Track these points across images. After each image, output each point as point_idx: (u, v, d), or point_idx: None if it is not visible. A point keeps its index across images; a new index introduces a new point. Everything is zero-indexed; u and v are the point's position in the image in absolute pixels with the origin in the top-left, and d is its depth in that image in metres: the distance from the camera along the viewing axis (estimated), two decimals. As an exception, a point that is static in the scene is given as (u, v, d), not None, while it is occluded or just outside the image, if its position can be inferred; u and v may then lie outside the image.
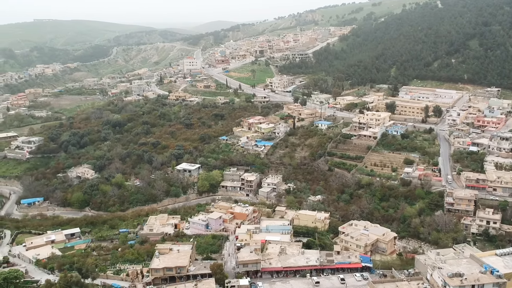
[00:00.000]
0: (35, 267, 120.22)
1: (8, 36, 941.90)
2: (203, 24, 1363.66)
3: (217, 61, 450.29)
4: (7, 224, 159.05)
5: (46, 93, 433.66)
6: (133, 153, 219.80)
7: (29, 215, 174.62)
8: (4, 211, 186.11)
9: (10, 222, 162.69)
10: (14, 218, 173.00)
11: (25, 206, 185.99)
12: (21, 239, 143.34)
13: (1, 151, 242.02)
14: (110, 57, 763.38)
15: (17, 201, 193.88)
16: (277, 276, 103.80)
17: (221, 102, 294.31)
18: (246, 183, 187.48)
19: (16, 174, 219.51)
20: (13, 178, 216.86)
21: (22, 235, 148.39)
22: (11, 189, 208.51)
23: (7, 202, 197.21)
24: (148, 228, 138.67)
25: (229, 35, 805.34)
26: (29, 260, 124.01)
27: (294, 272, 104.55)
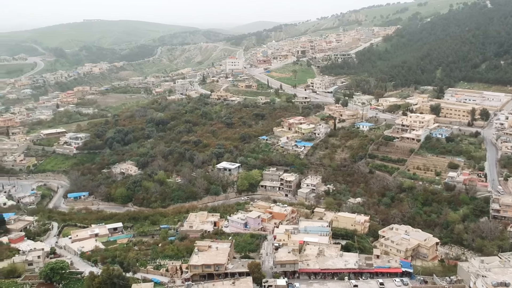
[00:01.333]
0: (79, 259, 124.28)
1: (59, 36, 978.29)
2: (246, 24, 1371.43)
3: (259, 61, 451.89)
4: (55, 217, 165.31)
5: (93, 91, 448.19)
6: (175, 151, 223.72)
7: (75, 209, 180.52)
8: (52, 204, 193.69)
9: (58, 215, 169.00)
10: (61, 211, 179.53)
11: (71, 200, 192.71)
12: (67, 232, 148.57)
13: (51, 146, 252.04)
14: (155, 56, 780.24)
15: (64, 194, 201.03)
16: (315, 278, 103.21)
17: (262, 102, 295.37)
18: (285, 183, 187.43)
19: (64, 168, 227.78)
20: (61, 172, 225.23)
21: (68, 228, 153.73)
22: (59, 183, 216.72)
23: (55, 195, 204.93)
24: (188, 225, 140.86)
25: (271, 35, 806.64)
26: (74, 252, 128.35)
27: (332, 274, 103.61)
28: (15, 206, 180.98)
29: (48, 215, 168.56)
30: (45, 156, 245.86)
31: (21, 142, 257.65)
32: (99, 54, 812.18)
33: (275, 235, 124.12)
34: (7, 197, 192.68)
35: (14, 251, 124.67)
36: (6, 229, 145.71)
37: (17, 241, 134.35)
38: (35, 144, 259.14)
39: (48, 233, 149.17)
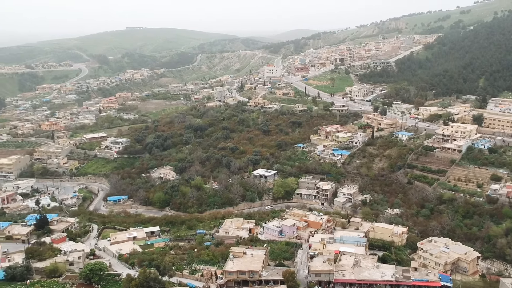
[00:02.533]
0: (117, 261, 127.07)
1: (103, 43, 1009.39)
2: (284, 32, 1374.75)
3: (297, 69, 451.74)
4: (95, 219, 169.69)
5: (134, 97, 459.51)
6: (212, 157, 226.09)
7: (114, 212, 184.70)
8: (92, 207, 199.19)
9: (98, 217, 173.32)
10: (101, 213, 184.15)
11: (111, 203, 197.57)
12: (106, 234, 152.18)
13: (93, 150, 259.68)
14: (194, 64, 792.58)
15: (104, 197, 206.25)
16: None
17: (299, 110, 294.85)
18: (321, 192, 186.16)
19: (105, 172, 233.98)
20: (101, 176, 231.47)
21: (107, 230, 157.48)
22: (99, 186, 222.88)
23: (96, 198, 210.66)
24: (223, 231, 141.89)
25: (309, 43, 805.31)
26: (113, 254, 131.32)
27: (368, 286, 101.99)
28: (58, 208, 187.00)
29: (89, 217, 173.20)
30: (87, 159, 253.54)
31: (65, 145, 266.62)
32: (140, 61, 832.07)
33: (310, 243, 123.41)
34: (50, 198, 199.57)
35: (56, 251, 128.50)
36: (49, 229, 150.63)
37: (59, 241, 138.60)
38: (78, 147, 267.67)
39: (88, 234, 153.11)
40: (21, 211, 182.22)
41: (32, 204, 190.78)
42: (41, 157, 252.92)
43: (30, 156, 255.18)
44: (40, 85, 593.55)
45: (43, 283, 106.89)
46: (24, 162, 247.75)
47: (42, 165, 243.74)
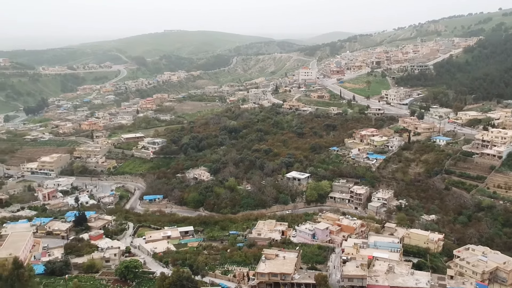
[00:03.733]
0: (152, 259, 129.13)
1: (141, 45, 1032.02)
2: (320, 35, 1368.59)
3: (332, 71, 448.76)
4: (131, 217, 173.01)
5: (171, 98, 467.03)
6: (246, 158, 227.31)
7: (149, 211, 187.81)
8: (129, 205, 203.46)
9: (133, 216, 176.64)
10: (137, 212, 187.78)
11: (146, 202, 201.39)
12: (142, 232, 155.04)
13: (130, 150, 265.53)
14: (230, 66, 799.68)
15: (140, 196, 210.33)
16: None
17: (334, 113, 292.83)
18: (355, 196, 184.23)
19: (141, 172, 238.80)
20: (138, 175, 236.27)
21: (142, 229, 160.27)
22: (136, 185, 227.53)
23: (132, 197, 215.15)
24: (256, 232, 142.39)
25: (345, 46, 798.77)
26: (147, 252, 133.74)
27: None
28: (95, 205, 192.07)
29: (125, 215, 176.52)
30: (124, 159, 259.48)
31: (104, 145, 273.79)
32: (177, 63, 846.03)
33: (343, 248, 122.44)
34: (89, 196, 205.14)
35: (93, 248, 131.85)
36: (87, 226, 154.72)
37: (96, 238, 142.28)
38: (116, 147, 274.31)
39: (124, 232, 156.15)
40: (61, 208, 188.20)
41: (71, 201, 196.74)
42: (80, 156, 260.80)
43: (70, 155, 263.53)
44: (81, 86, 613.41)
45: (81, 279, 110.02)
46: (65, 161, 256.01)
47: (81, 163, 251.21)
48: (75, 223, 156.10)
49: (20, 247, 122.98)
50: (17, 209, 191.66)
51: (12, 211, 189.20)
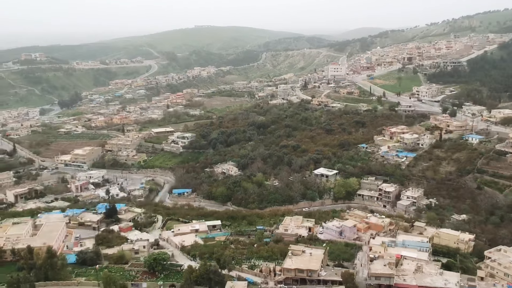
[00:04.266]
0: (180, 252, 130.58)
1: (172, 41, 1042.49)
2: (350, 30, 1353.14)
3: (362, 67, 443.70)
4: (160, 211, 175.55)
5: (200, 93, 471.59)
6: (274, 154, 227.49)
7: (178, 204, 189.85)
8: (158, 198, 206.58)
9: (162, 209, 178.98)
10: (166, 205, 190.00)
11: (175, 195, 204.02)
12: (170, 225, 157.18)
13: (160, 144, 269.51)
14: (259, 61, 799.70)
15: (169, 190, 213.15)
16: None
17: (363, 109, 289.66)
18: (384, 194, 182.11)
19: (170, 165, 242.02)
20: (167, 169, 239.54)
21: (171, 222, 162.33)
22: (165, 179, 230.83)
23: (161, 190, 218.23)
24: (283, 228, 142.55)
25: (376, 41, 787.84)
26: (176, 245, 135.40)
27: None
28: (126, 198, 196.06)
29: (154, 208, 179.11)
30: (154, 153, 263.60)
31: (134, 139, 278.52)
32: (207, 59, 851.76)
33: (370, 246, 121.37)
34: (119, 189, 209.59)
35: (123, 239, 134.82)
36: (117, 218, 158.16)
37: (126, 230, 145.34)
38: (146, 141, 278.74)
39: (153, 225, 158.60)
40: (92, 200, 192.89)
41: (102, 193, 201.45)
42: (112, 149, 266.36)
43: (102, 148, 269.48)
44: (113, 80, 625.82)
45: (111, 269, 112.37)
46: (97, 154, 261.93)
47: (112, 156, 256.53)
48: (105, 215, 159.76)
49: (54, 237, 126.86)
50: (51, 200, 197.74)
51: (47, 201, 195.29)
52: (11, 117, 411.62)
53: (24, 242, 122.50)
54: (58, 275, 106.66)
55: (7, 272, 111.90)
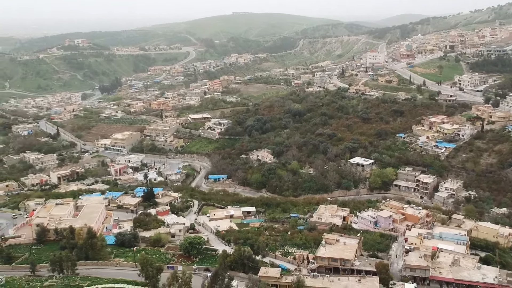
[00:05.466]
0: (215, 237, 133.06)
1: (210, 27, 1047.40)
2: (390, 17, 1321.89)
3: (402, 55, 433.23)
4: (196, 195, 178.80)
5: (237, 80, 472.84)
6: (309, 142, 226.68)
7: (214, 190, 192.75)
8: (194, 183, 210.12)
9: (198, 194, 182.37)
10: (202, 190, 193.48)
11: (211, 181, 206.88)
12: (206, 210, 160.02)
13: (197, 130, 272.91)
14: (296, 49, 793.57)
15: (205, 175, 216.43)
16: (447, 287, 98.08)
17: (402, 98, 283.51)
18: (421, 185, 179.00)
19: (207, 151, 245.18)
20: (204, 155, 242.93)
21: (207, 207, 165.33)
22: (201, 164, 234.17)
23: (197, 175, 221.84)
24: (317, 216, 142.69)
25: (417, 28, 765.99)
26: (211, 230, 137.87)
27: (467, 286, 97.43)
28: (163, 182, 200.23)
29: (190, 193, 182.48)
30: (191, 138, 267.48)
31: (172, 124, 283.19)
32: (244, 46, 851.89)
33: (406, 237, 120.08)
34: (157, 173, 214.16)
35: (160, 223, 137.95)
36: (155, 202, 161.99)
37: (163, 214, 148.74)
38: (184, 127, 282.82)
39: (189, 209, 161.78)
40: (131, 183, 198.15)
41: (140, 177, 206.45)
42: (150, 134, 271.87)
43: (140, 133, 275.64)
44: (151, 67, 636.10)
45: (148, 251, 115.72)
46: (135, 138, 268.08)
47: (151, 141, 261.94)
48: (143, 199, 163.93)
49: (94, 218, 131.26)
50: (92, 182, 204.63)
51: (87, 184, 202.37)
52: (55, 101, 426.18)
53: (66, 222, 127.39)
54: (98, 255, 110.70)
55: (51, 250, 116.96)
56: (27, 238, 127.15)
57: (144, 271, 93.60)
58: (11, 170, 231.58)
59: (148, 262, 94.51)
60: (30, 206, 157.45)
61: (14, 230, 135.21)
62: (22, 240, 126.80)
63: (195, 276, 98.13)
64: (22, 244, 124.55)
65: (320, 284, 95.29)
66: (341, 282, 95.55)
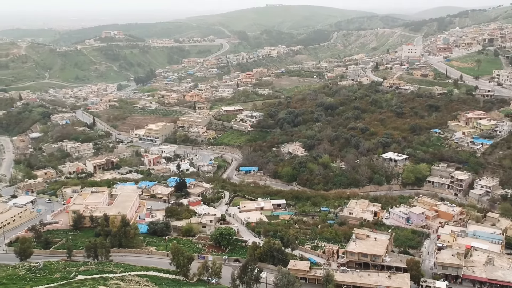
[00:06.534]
0: (245, 228, 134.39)
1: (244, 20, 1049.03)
2: (427, 9, 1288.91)
3: (439, 49, 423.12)
4: (227, 187, 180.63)
5: (269, 73, 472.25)
6: (341, 136, 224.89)
7: (244, 182, 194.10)
8: (225, 175, 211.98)
9: (229, 185, 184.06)
10: (233, 182, 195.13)
11: (242, 173, 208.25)
12: (236, 202, 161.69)
13: (229, 122, 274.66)
14: (330, 41, 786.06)
15: (236, 167, 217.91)
16: (479, 287, 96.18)
17: (438, 93, 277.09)
18: (456, 182, 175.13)
19: (238, 143, 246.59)
20: (235, 147, 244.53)
21: (237, 198, 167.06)
22: (233, 156, 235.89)
23: (229, 167, 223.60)
24: (348, 211, 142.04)
25: (455, 21, 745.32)
26: (241, 221, 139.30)
27: (501, 286, 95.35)
28: (195, 173, 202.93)
29: (222, 184, 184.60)
30: (223, 130, 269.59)
31: (205, 116, 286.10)
32: (278, 38, 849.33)
33: (439, 234, 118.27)
34: (189, 164, 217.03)
35: (191, 213, 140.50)
36: (187, 192, 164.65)
37: (194, 204, 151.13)
38: (216, 119, 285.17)
39: (220, 201, 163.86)
40: (164, 173, 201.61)
41: (173, 167, 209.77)
42: (183, 125, 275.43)
43: (174, 124, 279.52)
44: (185, 59, 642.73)
45: (179, 241, 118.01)
46: (169, 129, 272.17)
47: (184, 133, 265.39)
48: (176, 189, 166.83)
49: (128, 207, 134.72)
50: (126, 171, 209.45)
51: (122, 173, 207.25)
52: (92, 92, 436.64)
53: (101, 210, 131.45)
54: (131, 243, 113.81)
55: (86, 236, 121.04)
56: (64, 224, 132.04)
57: (175, 260, 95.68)
58: (49, 158, 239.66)
59: (179, 251, 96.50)
60: (67, 194, 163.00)
61: (52, 216, 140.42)
62: (59, 226, 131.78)
63: (225, 266, 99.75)
64: (59, 230, 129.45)
65: (350, 279, 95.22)
66: (371, 277, 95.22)
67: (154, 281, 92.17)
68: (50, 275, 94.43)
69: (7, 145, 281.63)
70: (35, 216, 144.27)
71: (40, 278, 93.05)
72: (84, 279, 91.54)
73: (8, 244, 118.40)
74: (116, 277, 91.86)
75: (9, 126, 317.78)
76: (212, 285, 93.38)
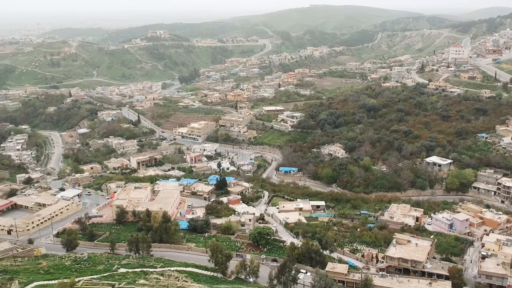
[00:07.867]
0: (283, 228, 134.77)
1: (287, 20, 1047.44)
2: (476, 10, 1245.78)
3: (488, 50, 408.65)
4: (266, 187, 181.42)
5: (312, 73, 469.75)
6: (383, 138, 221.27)
7: (284, 182, 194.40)
8: (265, 174, 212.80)
9: (269, 185, 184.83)
10: (272, 182, 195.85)
11: (282, 173, 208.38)
12: (275, 202, 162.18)
13: (270, 122, 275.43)
14: (374, 42, 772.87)
15: (276, 167, 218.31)
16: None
17: (486, 96, 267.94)
18: (503, 189, 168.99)
19: (279, 144, 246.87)
20: (276, 147, 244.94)
21: (276, 198, 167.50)
22: (273, 156, 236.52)
23: (269, 167, 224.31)
24: (388, 215, 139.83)
25: (505, 22, 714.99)
26: (280, 222, 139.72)
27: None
28: (235, 172, 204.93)
29: (261, 184, 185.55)
30: (264, 130, 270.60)
31: (246, 115, 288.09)
32: (320, 38, 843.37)
33: (483, 243, 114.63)
34: (230, 163, 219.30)
35: (231, 211, 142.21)
36: (227, 190, 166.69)
37: (234, 202, 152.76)
38: (257, 118, 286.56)
39: (260, 200, 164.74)
40: (205, 171, 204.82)
41: (214, 166, 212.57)
42: (225, 124, 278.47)
43: (215, 123, 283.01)
44: (228, 58, 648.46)
45: (218, 238, 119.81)
46: (211, 128, 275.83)
47: (225, 131, 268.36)
48: (216, 187, 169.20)
49: (169, 203, 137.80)
50: (168, 168, 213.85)
51: (164, 170, 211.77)
52: (137, 90, 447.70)
53: (143, 205, 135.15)
54: (171, 239, 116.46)
55: (128, 231, 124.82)
56: (108, 218, 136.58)
57: (214, 257, 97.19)
58: (95, 154, 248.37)
59: (218, 249, 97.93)
60: (111, 188, 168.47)
61: (97, 209, 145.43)
62: (103, 219, 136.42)
63: (263, 265, 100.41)
64: (103, 223, 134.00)
65: (389, 284, 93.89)
66: (411, 283, 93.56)
67: (193, 277, 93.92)
68: (94, 267, 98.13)
69: (57, 140, 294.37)
70: (81, 209, 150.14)
71: (84, 269, 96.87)
72: (125, 272, 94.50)
73: (56, 235, 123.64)
74: (156, 272, 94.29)
75: (59, 122, 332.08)
76: (249, 284, 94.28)
